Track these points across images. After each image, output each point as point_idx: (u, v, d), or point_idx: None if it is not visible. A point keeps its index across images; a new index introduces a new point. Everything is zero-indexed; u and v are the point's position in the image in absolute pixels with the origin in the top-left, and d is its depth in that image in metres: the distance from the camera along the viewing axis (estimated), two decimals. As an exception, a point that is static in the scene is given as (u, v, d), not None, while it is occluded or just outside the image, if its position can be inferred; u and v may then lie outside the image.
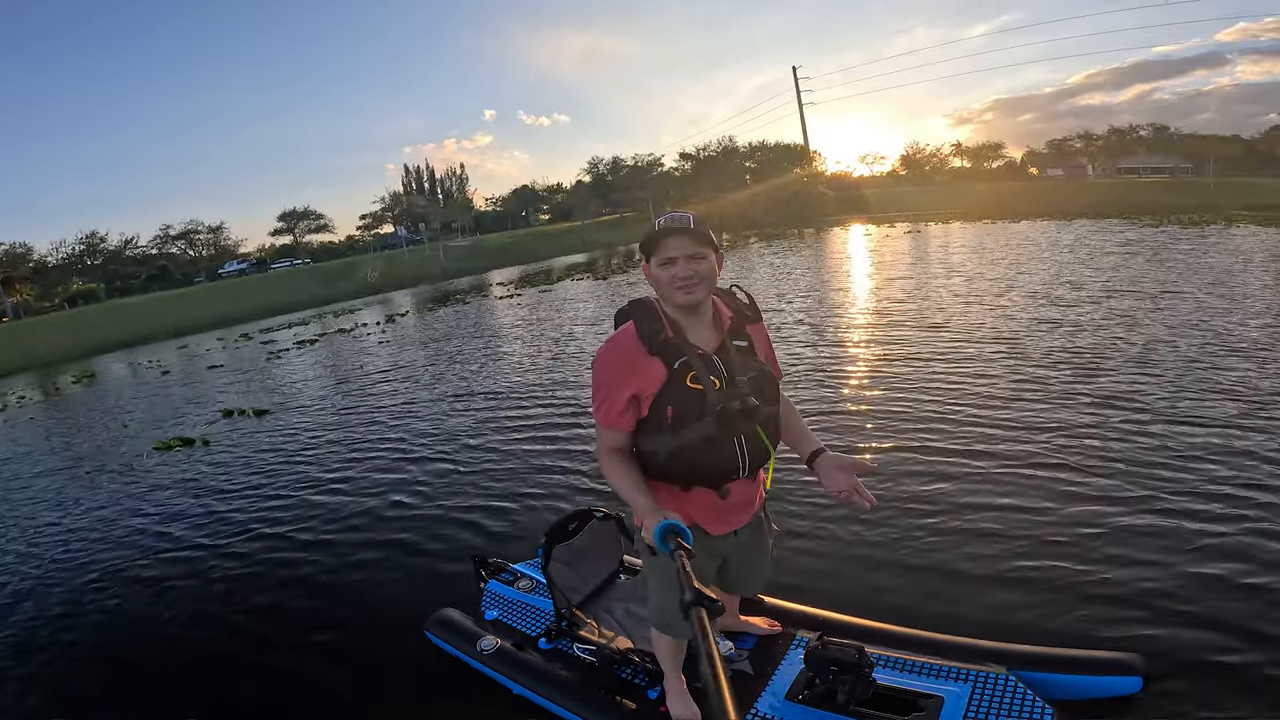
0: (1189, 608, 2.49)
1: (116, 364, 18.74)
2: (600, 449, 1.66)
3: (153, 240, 57.85)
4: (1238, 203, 26.89)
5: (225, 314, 29.17)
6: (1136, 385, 4.92)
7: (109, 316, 33.43)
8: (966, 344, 6.67)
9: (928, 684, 1.99)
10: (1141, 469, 3.60)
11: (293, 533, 4.27)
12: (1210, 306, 7.26)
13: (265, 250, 63.76)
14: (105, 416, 9.90)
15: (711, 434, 1.58)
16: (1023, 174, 58.25)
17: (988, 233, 20.44)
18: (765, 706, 2.02)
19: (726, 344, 1.64)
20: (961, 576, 2.85)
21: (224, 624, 3.33)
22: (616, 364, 1.60)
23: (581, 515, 2.78)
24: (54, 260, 52.08)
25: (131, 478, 6.06)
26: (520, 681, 2.39)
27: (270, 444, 6.52)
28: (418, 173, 71.23)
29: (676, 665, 2.05)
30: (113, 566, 4.15)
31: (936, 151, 58.51)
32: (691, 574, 1.12)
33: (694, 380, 1.56)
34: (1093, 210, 26.06)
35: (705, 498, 1.69)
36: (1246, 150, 47.11)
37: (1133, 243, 14.40)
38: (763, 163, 53.60)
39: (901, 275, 12.77)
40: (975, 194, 41.27)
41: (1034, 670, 2.03)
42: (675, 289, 1.55)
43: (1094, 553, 2.89)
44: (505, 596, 2.87)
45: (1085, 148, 57.08)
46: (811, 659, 1.95)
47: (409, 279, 35.44)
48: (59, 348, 25.84)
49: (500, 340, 11.36)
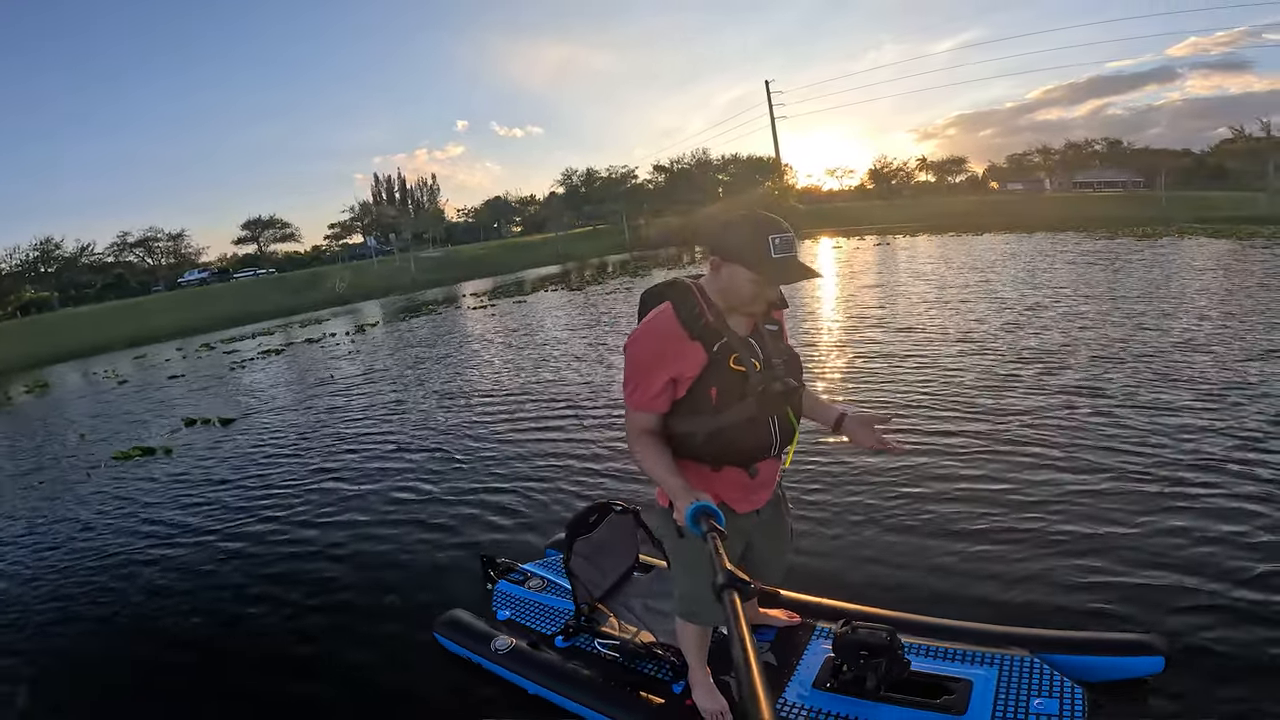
0: (1210, 588, 2.54)
1: (70, 373, 17.97)
2: (631, 432, 1.65)
3: (110, 247, 55.89)
4: (1189, 215, 27.87)
5: (185, 323, 28.23)
6: (1143, 379, 5.10)
7: (62, 325, 32.13)
8: (979, 345, 6.81)
9: (955, 668, 1.99)
10: (1158, 457, 3.73)
11: (278, 542, 4.13)
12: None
13: (228, 259, 62.08)
14: (61, 426, 9.47)
15: (753, 414, 1.61)
16: (984, 188, 59.98)
17: (953, 245, 20.98)
18: (793, 695, 2.00)
19: (760, 328, 1.68)
20: (977, 565, 2.89)
21: (221, 629, 3.23)
22: (656, 348, 1.59)
23: (601, 508, 2.73)
24: (7, 267, 49.89)
25: (92, 487, 5.79)
26: (538, 681, 2.33)
27: (240, 451, 6.31)
28: (388, 182, 70.29)
29: (702, 657, 2.03)
30: (84, 571, 3.96)
31: (903, 165, 59.91)
32: (724, 555, 1.11)
33: (737, 362, 1.59)
34: (1050, 224, 26.90)
35: (734, 476, 1.71)
36: (1197, 164, 49.04)
37: (1091, 254, 14.92)
38: (735, 176, 54.26)
39: (883, 282, 13.00)
40: (940, 208, 42.38)
41: (1057, 653, 2.03)
42: (755, 305, 1.59)
43: (1111, 538, 2.97)
44: (517, 596, 2.82)
45: (1044, 162, 59.03)
46: (841, 644, 1.94)
47: (378, 289, 34.81)
48: (10, 356, 24.73)
49: (476, 346, 11.23)
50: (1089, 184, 51.68)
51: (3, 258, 49.65)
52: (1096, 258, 14.07)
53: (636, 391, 1.62)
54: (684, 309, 1.59)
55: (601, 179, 59.17)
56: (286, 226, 63.34)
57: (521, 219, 69.81)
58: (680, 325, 1.58)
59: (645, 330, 1.62)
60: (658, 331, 1.60)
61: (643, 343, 1.62)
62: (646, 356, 1.60)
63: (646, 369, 1.60)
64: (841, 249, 24.40)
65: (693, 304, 1.59)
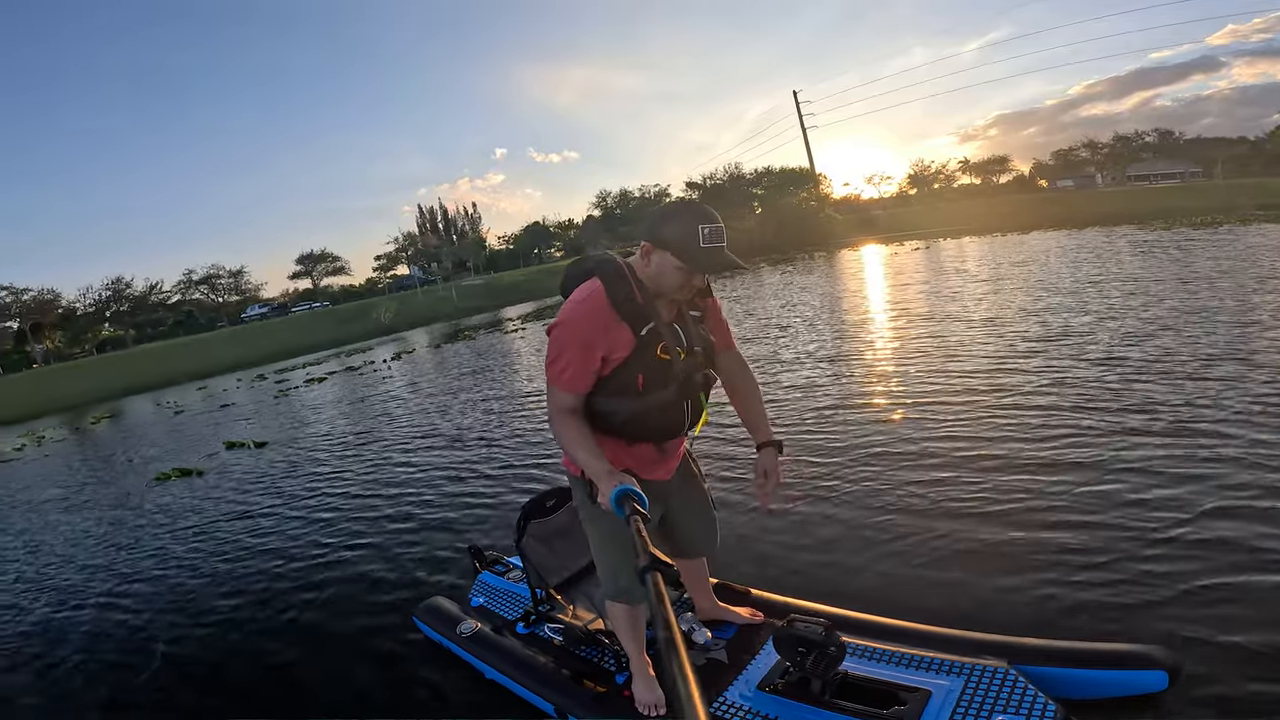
0: (1221, 596, 2.25)
1: (138, 405, 19.21)
2: (553, 409, 1.65)
3: (176, 285, 59.51)
4: (1251, 203, 26.63)
5: (244, 357, 29.76)
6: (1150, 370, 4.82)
7: (135, 361, 34.36)
8: (985, 338, 6.60)
9: (915, 677, 1.85)
10: (1163, 450, 3.48)
11: (290, 548, 4.30)
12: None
13: (287, 294, 65.22)
14: (119, 451, 10.14)
15: (673, 400, 1.65)
16: (1031, 187, 57.96)
17: (1000, 245, 20.30)
18: (735, 695, 1.93)
19: (684, 313, 1.70)
20: (962, 570, 2.69)
21: (230, 616, 3.46)
22: (585, 328, 1.58)
23: (561, 493, 2.70)
24: (81, 307, 53.60)
25: (132, 505, 6.13)
26: (493, 664, 2.38)
27: (268, 471, 6.58)
28: (431, 213, 72.81)
29: (639, 642, 2.00)
30: (118, 570, 4.20)
31: (943, 168, 58.55)
32: (647, 538, 1.12)
33: (663, 350, 1.62)
34: (1104, 219, 25.78)
35: (646, 452, 1.77)
36: (1254, 151, 46.66)
37: (1152, 245, 14.19)
38: (770, 188, 54.02)
39: (934, 286, 12.68)
40: (984, 209, 41.10)
41: (1039, 664, 1.84)
42: (682, 293, 1.62)
43: (1111, 541, 2.70)
44: (493, 585, 2.88)
45: (1092, 157, 56.75)
46: (779, 640, 1.86)
47: (422, 318, 35.96)
48: (86, 391, 26.57)
49: (507, 364, 11.45)
50: (1144, 177, 49.37)
51: (76, 298, 53.42)
52: (1162, 249, 13.36)
53: (567, 371, 1.60)
54: (616, 290, 1.59)
55: (636, 199, 59.85)
56: (337, 260, 66.22)
57: (561, 243, 71.10)
58: (611, 306, 1.57)
59: (575, 310, 1.60)
60: (589, 313, 1.58)
61: (573, 322, 1.59)
62: (577, 335, 1.58)
63: (577, 347, 1.58)
64: (885, 256, 23.83)
65: (625, 286, 1.59)
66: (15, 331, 49.87)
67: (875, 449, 4.14)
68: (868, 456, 4.04)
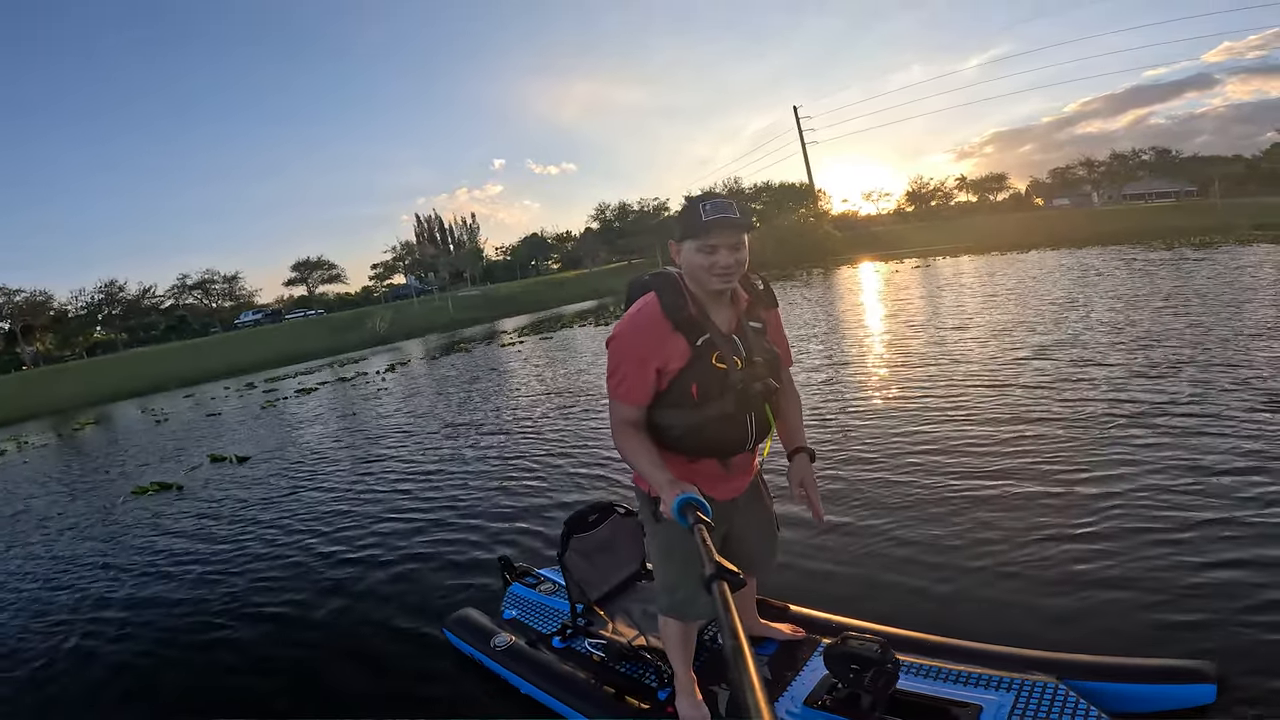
0: (1267, 607, 2.25)
1: (124, 411, 18.87)
2: (615, 423, 1.65)
3: (170, 290, 59.09)
4: (1247, 222, 26.76)
5: (235, 364, 29.37)
6: (1182, 388, 4.66)
7: (124, 365, 33.94)
8: (1000, 357, 6.39)
9: (965, 692, 1.82)
10: (1200, 465, 3.46)
11: (287, 578, 4.05)
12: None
13: (282, 301, 64.94)
14: (97, 461, 9.84)
15: (730, 411, 1.62)
16: (1028, 205, 58.30)
17: (997, 264, 20.27)
18: (782, 710, 1.90)
19: (743, 324, 1.68)
20: (1008, 585, 2.66)
21: (247, 624, 3.40)
22: (641, 339, 1.59)
23: (603, 508, 2.70)
24: (73, 310, 53.17)
25: (109, 521, 5.85)
26: (529, 679, 2.33)
27: (248, 487, 6.35)
28: (429, 222, 72.70)
29: (687, 659, 1.96)
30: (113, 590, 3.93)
31: (941, 185, 58.85)
32: (712, 547, 1.10)
33: (719, 359, 1.59)
34: (1101, 238, 25.82)
35: (710, 468, 1.72)
36: (1250, 170, 47.00)
37: (1154, 263, 14.10)
38: (769, 203, 54.18)
39: (936, 305, 12.52)
40: (982, 227, 41.22)
41: (1087, 679, 1.84)
42: (714, 276, 1.57)
43: (1156, 555, 2.69)
44: (526, 598, 2.84)
45: (1089, 175, 57.19)
46: (831, 657, 1.83)
47: (418, 328, 35.65)
48: (74, 395, 26.18)
49: (501, 378, 11.26)
50: (1140, 195, 49.72)
51: (68, 300, 52.99)
52: (1161, 268, 13.27)
53: (622, 385, 1.61)
54: (668, 299, 1.59)
55: (635, 213, 59.94)
56: (333, 268, 66.10)
57: (559, 255, 71.11)
58: (664, 316, 1.58)
59: (630, 321, 1.62)
60: (643, 323, 1.60)
61: (628, 334, 1.61)
62: (632, 348, 1.60)
63: (633, 360, 1.59)
64: (882, 273, 23.76)
65: (677, 294, 1.59)
66: (5, 333, 49.43)
67: (912, 463, 4.11)
68: (899, 469, 4.02)
